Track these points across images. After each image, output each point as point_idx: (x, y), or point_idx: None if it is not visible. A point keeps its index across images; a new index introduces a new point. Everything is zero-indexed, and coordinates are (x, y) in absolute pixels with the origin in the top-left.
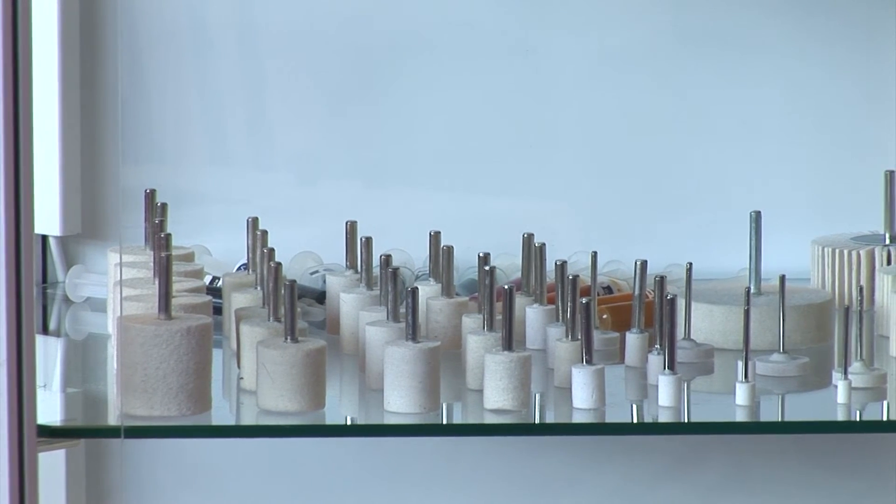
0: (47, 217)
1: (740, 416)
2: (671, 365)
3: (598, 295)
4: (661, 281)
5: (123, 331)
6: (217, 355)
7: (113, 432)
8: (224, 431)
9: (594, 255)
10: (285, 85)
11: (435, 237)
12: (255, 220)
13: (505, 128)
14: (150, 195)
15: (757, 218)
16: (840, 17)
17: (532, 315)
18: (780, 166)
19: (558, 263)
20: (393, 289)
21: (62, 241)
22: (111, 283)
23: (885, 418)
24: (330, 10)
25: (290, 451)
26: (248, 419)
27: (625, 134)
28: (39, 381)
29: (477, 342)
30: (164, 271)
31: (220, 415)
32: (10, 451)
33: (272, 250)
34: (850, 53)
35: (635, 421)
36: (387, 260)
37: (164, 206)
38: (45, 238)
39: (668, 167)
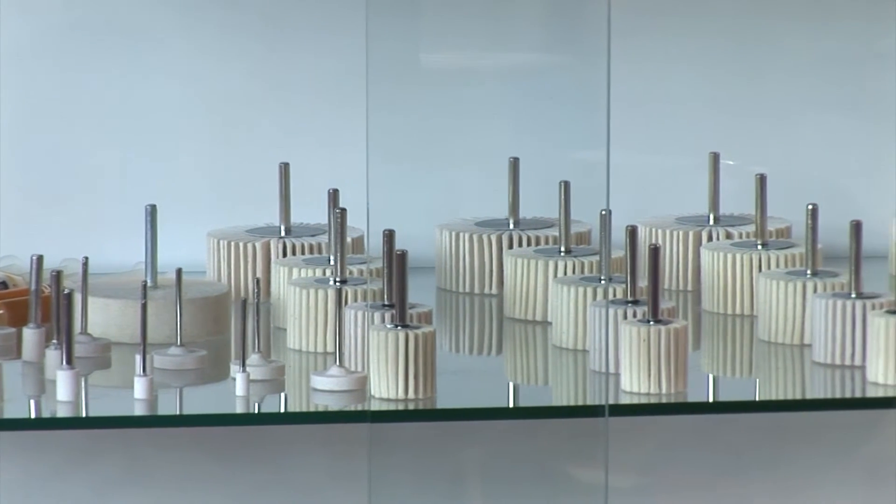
0: None
1: (139, 410)
2: (69, 360)
3: None
4: (57, 275)
5: None
6: None
7: None
8: None
9: None
10: None
11: None
12: None
13: None
14: None
15: (153, 211)
16: (231, 9)
17: None
18: (175, 159)
19: None
20: None
21: None
22: None
23: (283, 410)
24: None
25: None
26: None
27: (16, 128)
28: None
29: None
30: None
31: None
32: None
33: None
34: (243, 47)
35: (33, 416)
36: None
37: None
38: None
39: (63, 160)
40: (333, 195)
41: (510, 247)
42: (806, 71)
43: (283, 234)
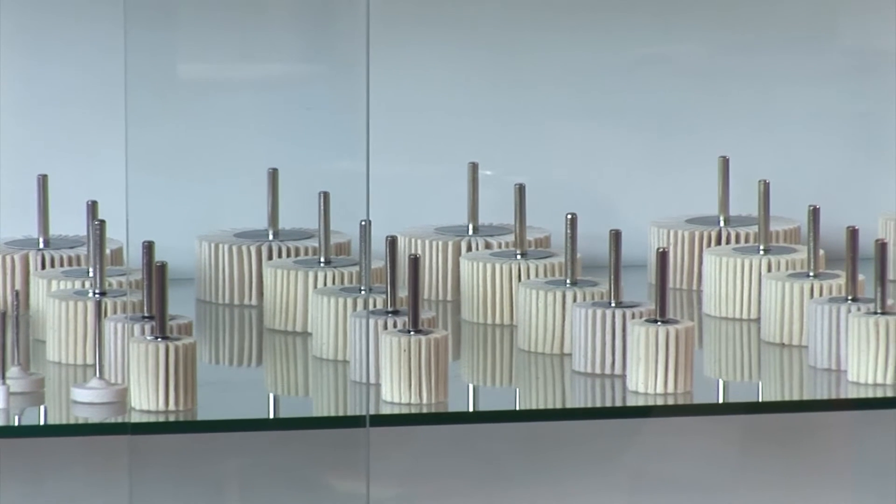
0: None
1: None
2: None
3: None
4: None
5: None
6: None
7: None
8: None
9: None
10: None
11: None
12: None
13: None
14: None
15: None
16: None
17: None
18: None
19: None
20: None
21: None
22: None
23: (43, 422)
24: None
25: None
26: None
27: None
28: None
29: None
30: None
31: None
32: None
33: None
34: None
35: None
36: None
37: None
38: None
39: None
40: (92, 207)
41: (270, 258)
42: (563, 81)
43: (41, 246)
